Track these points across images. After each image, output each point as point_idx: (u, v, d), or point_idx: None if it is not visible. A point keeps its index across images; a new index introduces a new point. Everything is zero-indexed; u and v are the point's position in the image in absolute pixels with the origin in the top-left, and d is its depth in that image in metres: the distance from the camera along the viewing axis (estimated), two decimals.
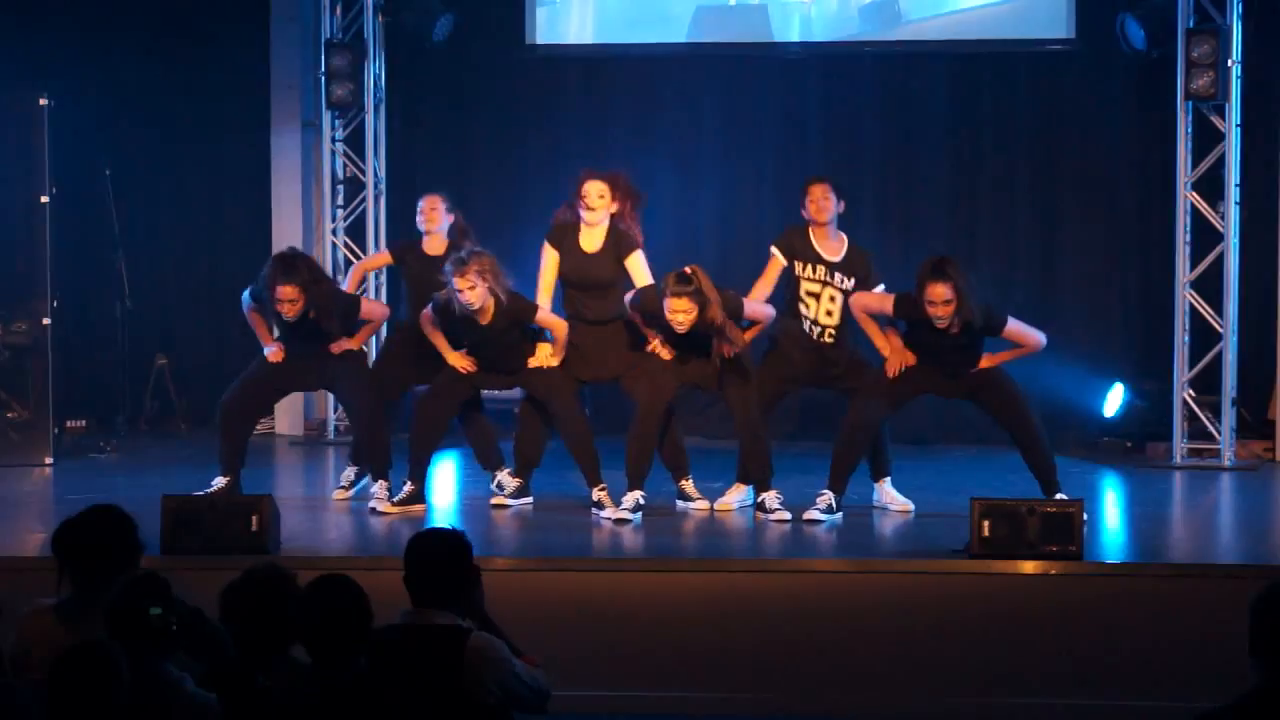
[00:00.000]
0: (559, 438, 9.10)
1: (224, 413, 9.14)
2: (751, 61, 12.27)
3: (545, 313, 8.99)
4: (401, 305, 9.77)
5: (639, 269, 9.08)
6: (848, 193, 9.25)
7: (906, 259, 11.98)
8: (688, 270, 8.62)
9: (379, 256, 10.87)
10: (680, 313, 8.59)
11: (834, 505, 8.71)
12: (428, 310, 8.97)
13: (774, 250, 9.15)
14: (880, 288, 8.98)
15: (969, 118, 12.06)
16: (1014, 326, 8.69)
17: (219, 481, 8.96)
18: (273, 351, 9.10)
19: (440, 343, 9.01)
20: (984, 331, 8.64)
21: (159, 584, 4.56)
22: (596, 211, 9.05)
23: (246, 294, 9.11)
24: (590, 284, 9.07)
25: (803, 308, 9.06)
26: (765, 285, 9.14)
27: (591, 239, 9.10)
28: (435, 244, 9.53)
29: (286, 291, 8.79)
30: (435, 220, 9.53)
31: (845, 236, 9.16)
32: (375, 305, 10.04)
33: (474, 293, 8.68)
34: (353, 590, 4.54)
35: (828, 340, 9.06)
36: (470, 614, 4.91)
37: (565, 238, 9.14)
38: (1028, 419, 8.70)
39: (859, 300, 8.87)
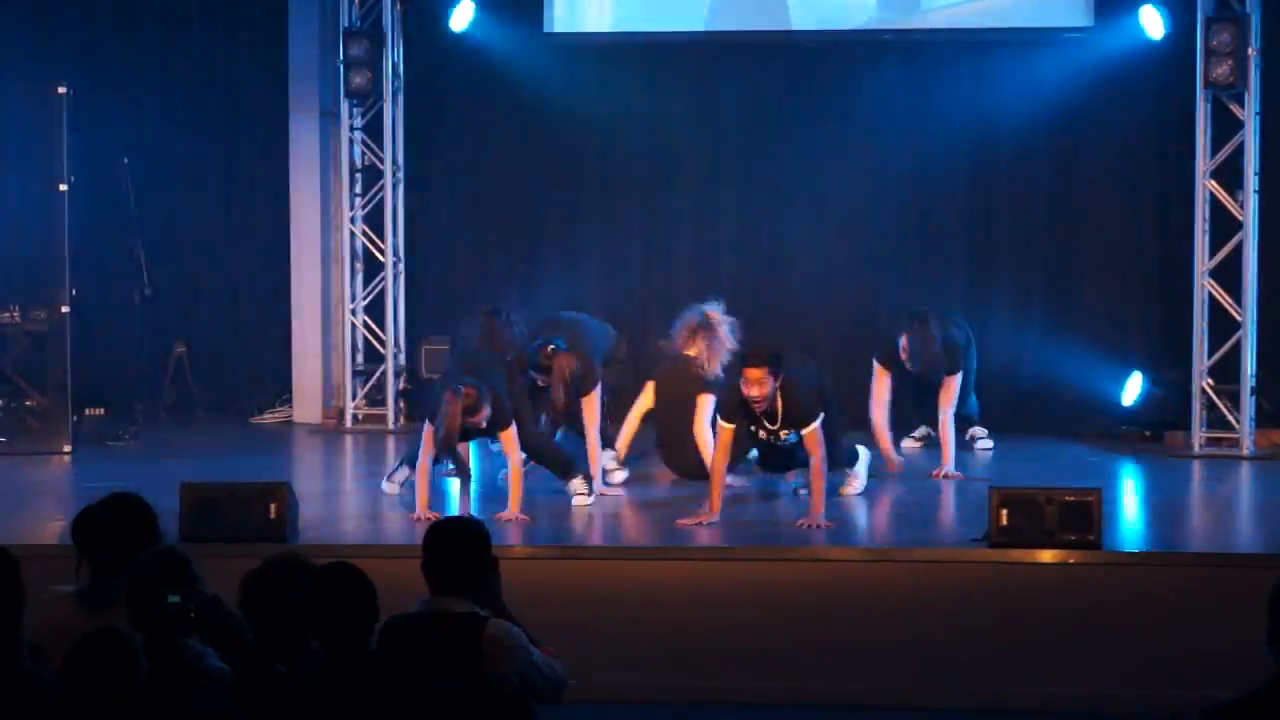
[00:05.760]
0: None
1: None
2: (769, 49, 12.25)
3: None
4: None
5: None
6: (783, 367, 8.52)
7: (925, 245, 12.06)
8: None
9: None
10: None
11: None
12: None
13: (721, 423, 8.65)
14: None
15: (987, 105, 12.02)
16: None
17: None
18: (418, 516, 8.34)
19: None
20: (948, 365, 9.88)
21: (178, 562, 4.56)
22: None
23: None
24: None
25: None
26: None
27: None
28: None
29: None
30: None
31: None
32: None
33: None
34: (355, 576, 4.53)
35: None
36: (487, 603, 4.92)
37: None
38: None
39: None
